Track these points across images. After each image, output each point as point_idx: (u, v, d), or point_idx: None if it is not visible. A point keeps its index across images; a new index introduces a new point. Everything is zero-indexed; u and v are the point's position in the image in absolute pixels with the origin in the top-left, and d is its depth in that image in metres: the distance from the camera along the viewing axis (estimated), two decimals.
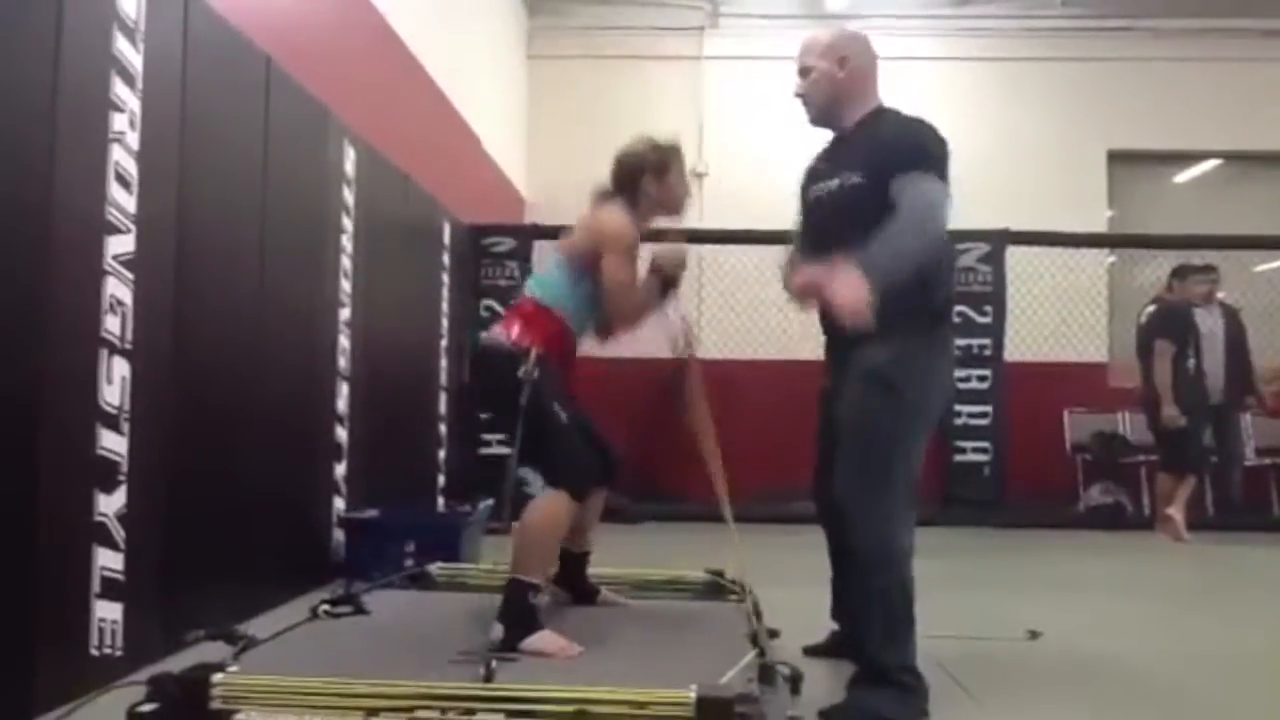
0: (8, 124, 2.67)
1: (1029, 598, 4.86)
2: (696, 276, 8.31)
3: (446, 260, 7.06)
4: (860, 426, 2.93)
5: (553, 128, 9.92)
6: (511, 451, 3.11)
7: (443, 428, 6.91)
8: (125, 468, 3.07)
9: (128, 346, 3.08)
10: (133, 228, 3.10)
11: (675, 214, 3.45)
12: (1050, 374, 8.36)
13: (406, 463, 6.17)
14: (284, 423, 4.28)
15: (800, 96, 3.14)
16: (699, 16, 9.96)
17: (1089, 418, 8.71)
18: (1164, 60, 9.75)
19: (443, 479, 6.83)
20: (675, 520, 7.16)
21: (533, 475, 3.34)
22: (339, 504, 4.88)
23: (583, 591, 3.58)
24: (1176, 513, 7.01)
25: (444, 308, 6.99)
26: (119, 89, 3.07)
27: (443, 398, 6.91)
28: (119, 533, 3.05)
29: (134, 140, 3.12)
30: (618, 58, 9.84)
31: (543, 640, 2.93)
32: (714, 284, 8.46)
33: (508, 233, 7.92)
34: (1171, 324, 7.12)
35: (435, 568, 4.04)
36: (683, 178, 3.45)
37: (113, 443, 3.02)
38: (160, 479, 3.26)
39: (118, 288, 3.05)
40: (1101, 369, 9.03)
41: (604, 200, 3.39)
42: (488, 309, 7.64)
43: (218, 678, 2.34)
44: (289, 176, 4.30)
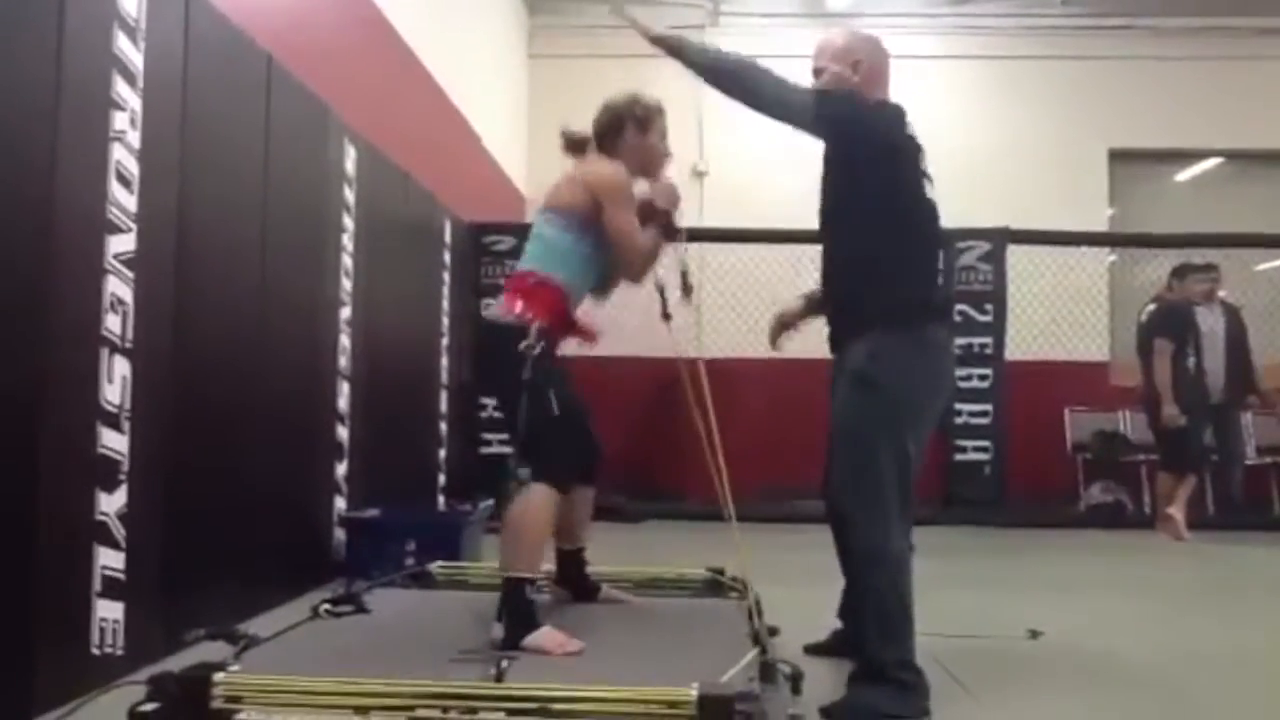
0: (10, 122, 2.67)
1: (1029, 597, 4.86)
2: (697, 276, 8.29)
3: (447, 258, 7.07)
4: (845, 426, 2.98)
5: (553, 126, 9.87)
6: (518, 428, 3.07)
7: (443, 426, 6.91)
8: (126, 467, 3.07)
9: (128, 345, 3.08)
10: (133, 226, 3.10)
11: (652, 176, 3.41)
12: (1051, 373, 8.36)
13: (407, 461, 6.18)
14: (285, 421, 4.28)
15: None
16: (700, 15, 9.95)
17: (1090, 417, 8.71)
18: (1165, 59, 9.75)
19: (443, 478, 6.84)
20: (675, 518, 7.16)
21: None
22: (340, 503, 4.88)
23: (583, 589, 3.58)
24: (1177, 512, 7.01)
25: (444, 306, 6.99)
26: (120, 88, 3.07)
27: (443, 396, 6.92)
28: (120, 532, 3.05)
29: (135, 139, 3.12)
30: (618, 57, 9.81)
31: (544, 637, 2.93)
32: (714, 283, 8.46)
33: (508, 231, 7.92)
34: (1171, 323, 7.11)
35: (436, 566, 4.04)
36: (663, 139, 3.43)
37: (114, 441, 3.03)
38: (161, 478, 3.26)
39: (118, 286, 3.05)
40: (1102, 368, 9.03)
41: (582, 151, 3.36)
42: (488, 307, 7.63)
43: (219, 677, 2.33)
44: (289, 175, 4.30)
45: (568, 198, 3.27)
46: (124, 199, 3.07)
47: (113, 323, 3.02)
